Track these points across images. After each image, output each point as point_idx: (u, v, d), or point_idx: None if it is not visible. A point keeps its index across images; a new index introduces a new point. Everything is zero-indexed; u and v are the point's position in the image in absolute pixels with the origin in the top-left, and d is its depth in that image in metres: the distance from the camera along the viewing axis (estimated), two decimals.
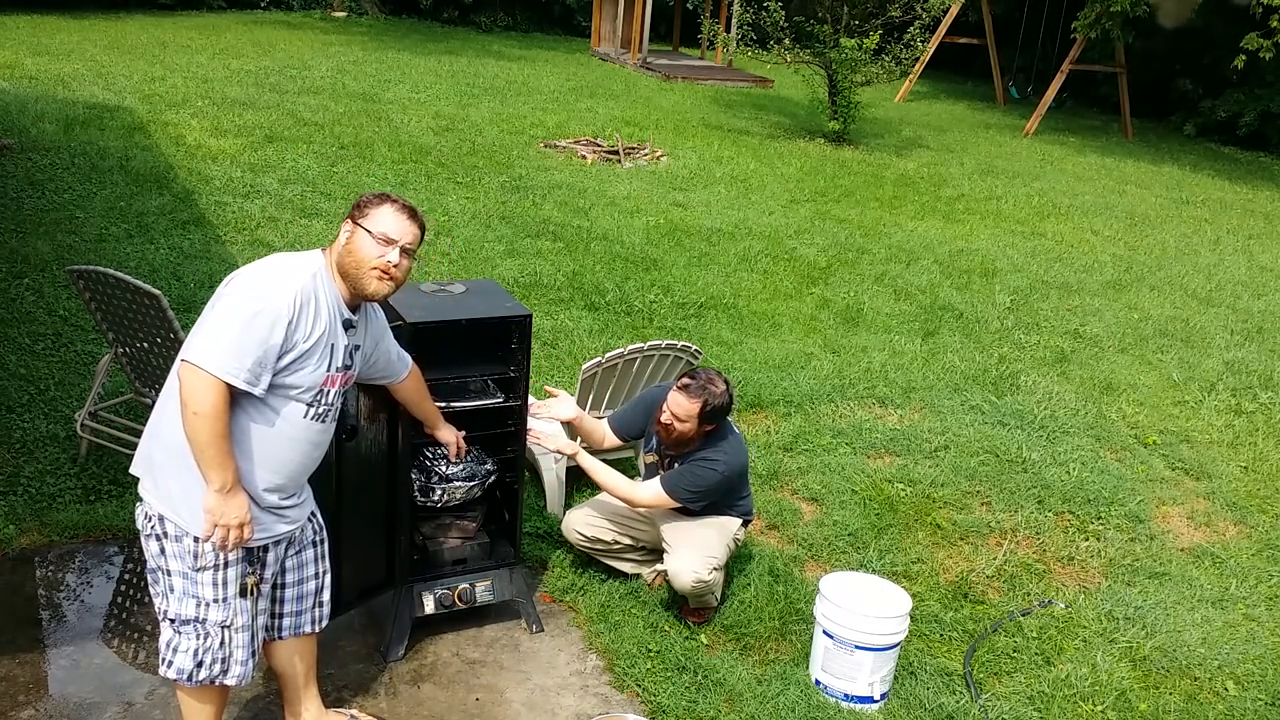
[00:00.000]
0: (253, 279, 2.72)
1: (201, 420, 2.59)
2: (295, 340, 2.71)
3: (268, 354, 2.65)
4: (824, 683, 3.72)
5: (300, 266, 2.78)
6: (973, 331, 7.50)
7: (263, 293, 2.68)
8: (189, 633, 2.82)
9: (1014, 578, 4.57)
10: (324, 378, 2.82)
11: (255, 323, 2.63)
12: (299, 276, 2.75)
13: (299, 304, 2.70)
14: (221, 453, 2.64)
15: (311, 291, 2.76)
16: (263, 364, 2.65)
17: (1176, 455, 5.88)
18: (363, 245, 2.83)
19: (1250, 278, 9.75)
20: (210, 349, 2.60)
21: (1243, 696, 3.94)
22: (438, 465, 3.74)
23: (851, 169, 12.66)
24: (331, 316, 2.81)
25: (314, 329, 2.75)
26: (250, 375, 2.64)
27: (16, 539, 4.13)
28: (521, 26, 24.00)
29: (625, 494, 3.98)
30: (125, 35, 16.54)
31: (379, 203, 2.89)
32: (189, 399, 2.60)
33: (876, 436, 5.67)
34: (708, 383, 3.82)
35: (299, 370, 2.74)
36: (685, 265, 8.22)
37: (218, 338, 2.62)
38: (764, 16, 13.98)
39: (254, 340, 2.63)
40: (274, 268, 2.77)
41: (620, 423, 4.19)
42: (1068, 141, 16.63)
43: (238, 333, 2.62)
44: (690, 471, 3.90)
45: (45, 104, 10.74)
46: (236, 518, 2.71)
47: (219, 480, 2.66)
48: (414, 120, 12.41)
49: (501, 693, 3.64)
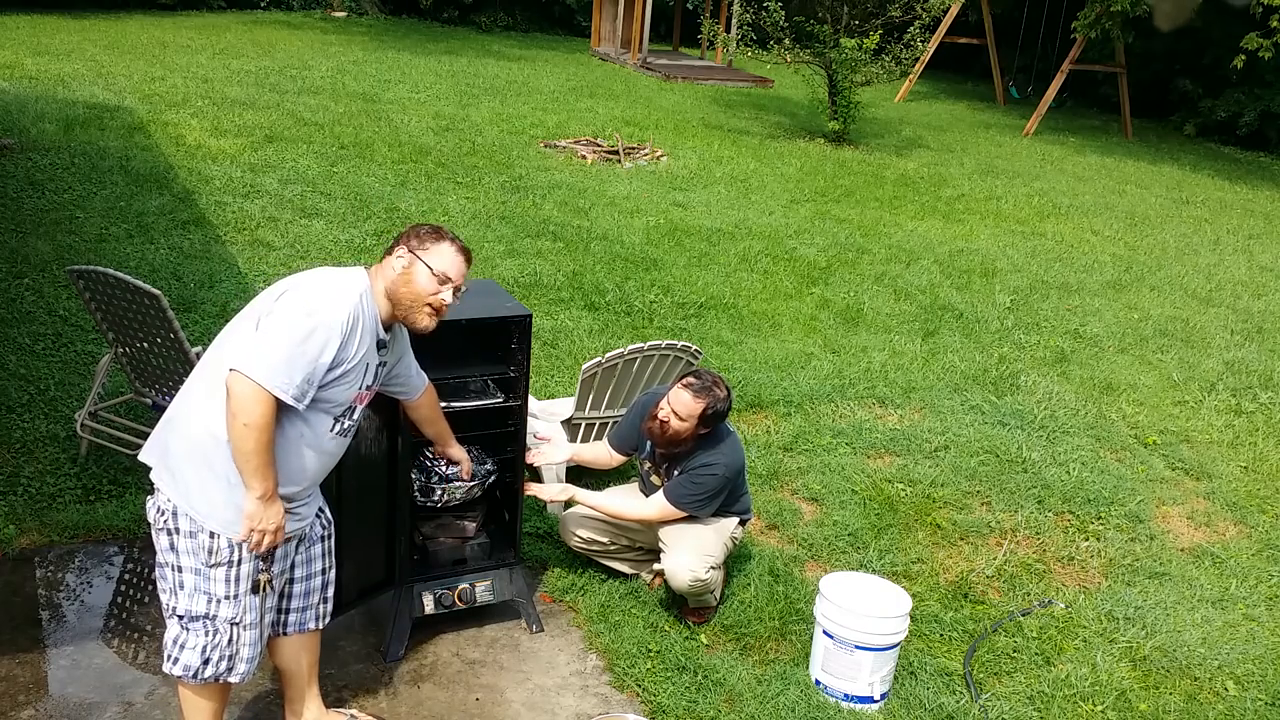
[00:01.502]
0: (308, 296, 2.75)
1: (250, 430, 2.64)
2: (341, 359, 2.76)
3: (316, 371, 2.71)
4: (824, 683, 3.72)
5: (351, 286, 2.81)
6: (973, 331, 7.50)
7: (317, 310, 2.72)
8: (198, 629, 2.83)
9: (1014, 578, 4.57)
10: (355, 394, 2.89)
11: (310, 341, 2.69)
12: (350, 297, 2.78)
13: (350, 325, 2.76)
14: (265, 463, 2.69)
15: (359, 312, 2.80)
16: (310, 381, 2.71)
17: (1176, 455, 5.88)
18: (420, 278, 2.87)
19: (1250, 278, 9.75)
20: (263, 362, 2.65)
21: (1243, 696, 3.94)
22: (438, 465, 3.74)
23: (851, 169, 12.66)
24: (371, 337, 2.86)
25: (358, 349, 2.81)
26: (299, 391, 2.69)
27: (16, 539, 4.13)
28: (521, 26, 24.00)
29: (635, 516, 3.99)
30: (125, 35, 16.54)
31: (438, 238, 2.91)
32: (239, 409, 2.64)
33: (876, 436, 5.67)
34: (713, 385, 3.84)
35: (338, 386, 2.80)
36: (685, 265, 8.23)
37: (272, 351, 2.66)
38: (764, 16, 13.99)
39: (307, 358, 2.68)
40: (327, 285, 2.80)
41: (620, 438, 4.18)
42: (1068, 141, 16.63)
43: (291, 349, 2.67)
44: (690, 480, 3.90)
45: (45, 104, 10.74)
46: (274, 523, 2.77)
47: (260, 488, 2.71)
48: (414, 120, 12.41)
49: (501, 693, 3.64)
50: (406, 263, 2.88)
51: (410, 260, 2.88)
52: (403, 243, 2.91)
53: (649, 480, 4.14)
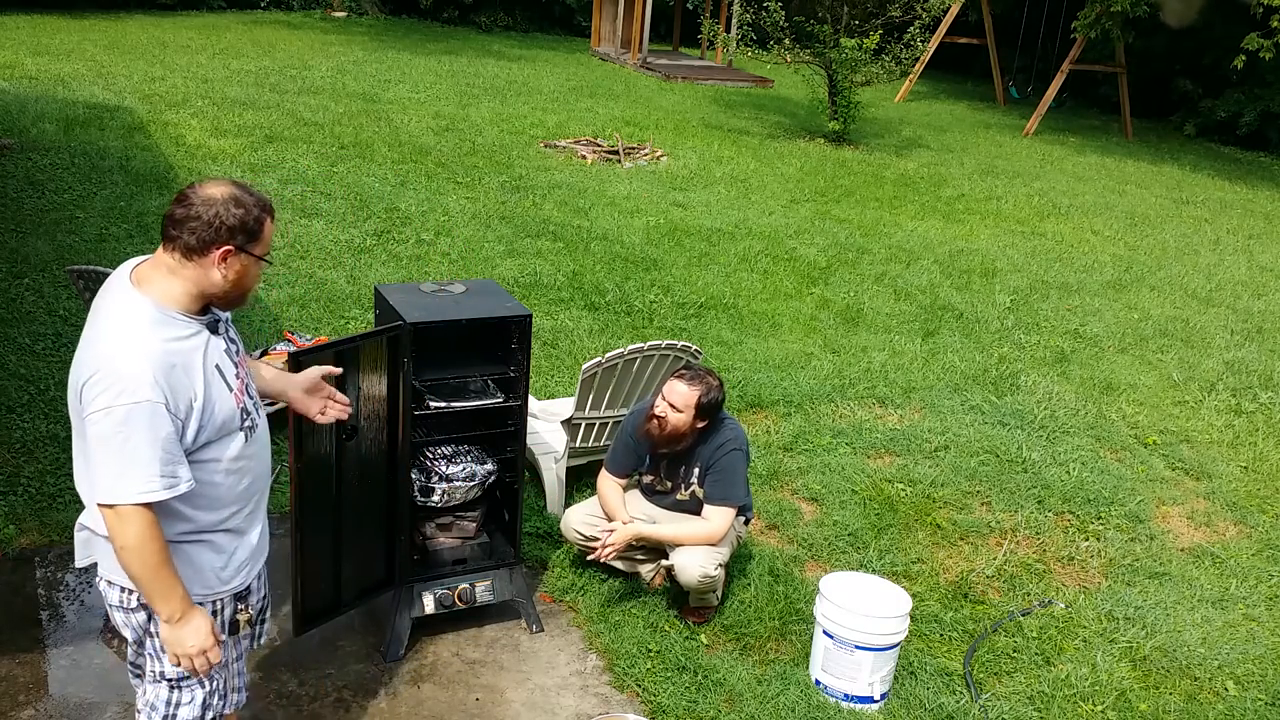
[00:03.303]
0: (100, 388, 2.30)
1: (130, 554, 2.35)
2: (182, 409, 2.37)
3: (167, 449, 2.33)
4: (824, 683, 3.72)
5: (138, 334, 2.34)
6: (973, 331, 7.50)
7: (118, 397, 2.29)
8: (192, 685, 2.63)
9: (1014, 578, 4.57)
10: (234, 396, 2.51)
11: (132, 431, 2.29)
12: (141, 350, 2.32)
13: (163, 381, 2.32)
14: (162, 581, 2.39)
15: (167, 351, 2.35)
16: (169, 460, 2.34)
17: (1176, 455, 5.88)
18: (252, 272, 2.48)
19: (1250, 278, 9.75)
20: (114, 483, 2.31)
21: (1243, 696, 3.94)
22: (438, 465, 3.74)
23: (851, 169, 12.66)
24: (200, 344, 2.43)
25: (194, 380, 2.39)
26: (166, 481, 2.34)
27: (16, 539, 4.13)
28: (521, 26, 23.99)
29: (703, 536, 3.93)
30: (125, 35, 16.54)
31: (264, 220, 2.46)
32: (115, 537, 2.35)
33: (876, 436, 5.67)
34: (705, 374, 3.94)
35: (210, 420, 2.44)
36: (685, 265, 8.23)
37: (111, 467, 2.31)
38: (764, 16, 13.99)
39: (143, 446, 2.30)
40: (113, 361, 2.31)
41: (617, 463, 4.16)
42: (1068, 141, 16.63)
43: (124, 451, 2.30)
44: (717, 471, 3.95)
45: (45, 104, 10.74)
46: (196, 645, 2.46)
47: (166, 610, 2.42)
48: (414, 120, 12.41)
49: (501, 693, 3.64)
50: (237, 265, 2.42)
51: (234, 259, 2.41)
52: (216, 247, 2.38)
53: (654, 490, 4.15)
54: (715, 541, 3.93)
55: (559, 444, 4.67)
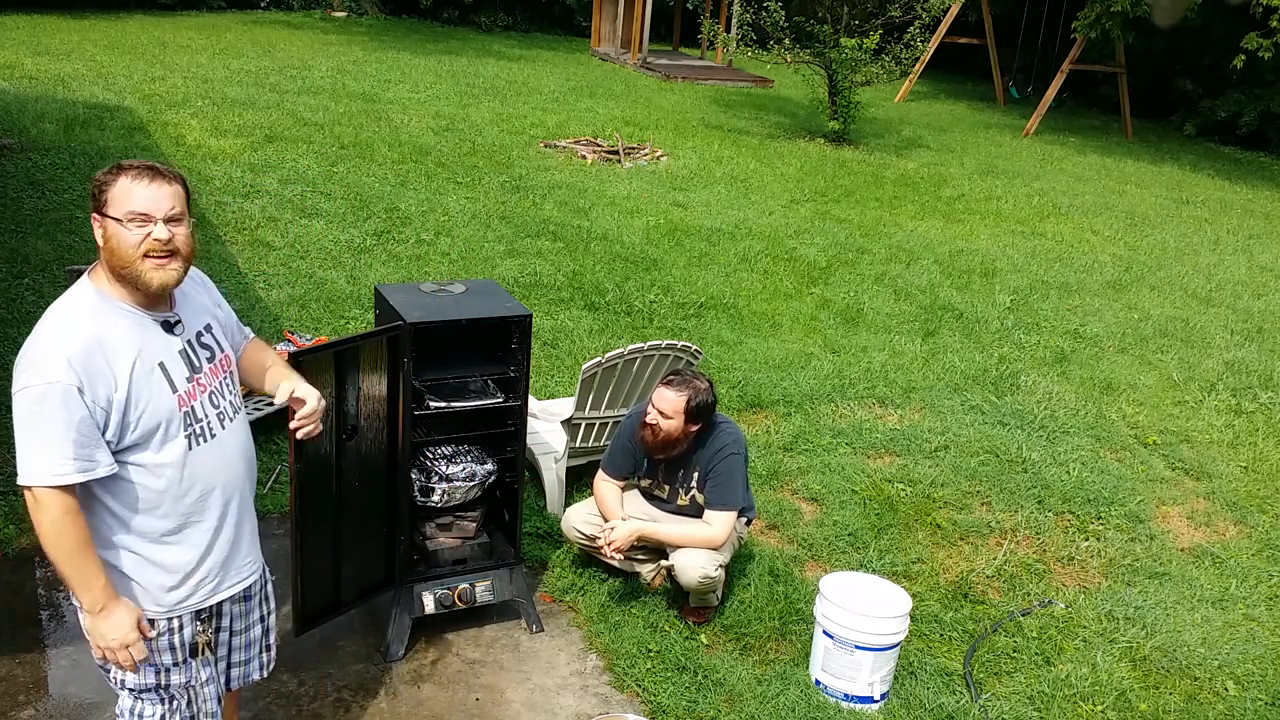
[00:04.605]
0: (22, 368, 2.33)
1: (47, 538, 2.32)
2: (100, 397, 2.32)
3: (82, 431, 2.29)
4: (824, 683, 3.72)
5: (69, 318, 2.37)
6: (973, 331, 7.50)
7: (34, 377, 2.30)
8: (152, 698, 2.58)
9: (1014, 578, 4.57)
10: (177, 399, 2.43)
11: (45, 411, 2.27)
12: (66, 333, 2.34)
13: (78, 365, 2.30)
14: (81, 569, 2.34)
15: (91, 337, 2.33)
16: (84, 443, 2.29)
17: (1176, 455, 5.88)
18: (119, 236, 2.36)
19: (1250, 278, 9.75)
20: (28, 464, 2.30)
21: (1243, 696, 3.94)
22: (438, 465, 3.74)
23: (851, 169, 12.66)
24: (137, 339, 2.40)
25: (117, 373, 2.34)
26: (80, 464, 2.29)
27: (16, 539, 4.13)
28: (521, 26, 23.99)
29: (704, 540, 3.92)
30: (125, 35, 16.54)
31: (113, 179, 2.37)
32: (34, 522, 2.33)
33: (876, 436, 5.67)
34: (692, 378, 3.92)
35: (139, 418, 2.38)
36: (685, 265, 8.23)
37: (26, 448, 2.30)
38: (764, 16, 13.99)
39: (57, 427, 2.27)
40: (39, 342, 2.35)
41: (614, 466, 4.15)
42: (1068, 141, 16.63)
43: (38, 431, 2.28)
44: (716, 476, 3.94)
45: (45, 104, 10.75)
46: (117, 639, 2.39)
47: (87, 600, 2.37)
48: (414, 120, 12.41)
49: (501, 693, 3.64)
50: (100, 231, 2.39)
51: (99, 224, 2.38)
52: (93, 220, 2.41)
53: (653, 494, 4.15)
54: (716, 546, 3.92)
55: (559, 444, 4.67)
